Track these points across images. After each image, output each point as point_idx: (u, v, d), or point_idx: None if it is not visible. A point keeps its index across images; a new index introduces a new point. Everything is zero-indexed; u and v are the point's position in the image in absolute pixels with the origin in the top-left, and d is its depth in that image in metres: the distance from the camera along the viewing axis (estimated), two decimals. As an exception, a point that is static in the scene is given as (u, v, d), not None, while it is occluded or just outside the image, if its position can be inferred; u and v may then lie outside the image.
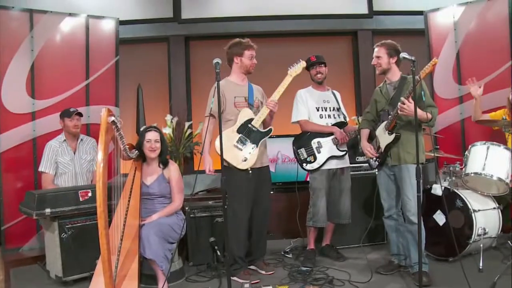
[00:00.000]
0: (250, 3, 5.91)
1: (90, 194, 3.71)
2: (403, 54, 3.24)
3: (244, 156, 3.73)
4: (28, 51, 4.63)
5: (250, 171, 3.73)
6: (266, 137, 3.84)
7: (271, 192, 4.82)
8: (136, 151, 3.58)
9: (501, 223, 3.98)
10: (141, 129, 4.08)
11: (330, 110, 4.26)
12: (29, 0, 5.06)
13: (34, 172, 4.57)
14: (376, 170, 3.79)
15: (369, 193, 4.41)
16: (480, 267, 3.63)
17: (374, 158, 3.70)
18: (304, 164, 4.15)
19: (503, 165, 3.80)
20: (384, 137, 3.60)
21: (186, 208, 4.07)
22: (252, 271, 3.86)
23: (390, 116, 3.53)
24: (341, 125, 4.21)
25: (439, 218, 3.98)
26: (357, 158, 4.77)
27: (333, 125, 4.19)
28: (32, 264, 4.20)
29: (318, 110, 4.21)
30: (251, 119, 3.79)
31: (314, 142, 4.13)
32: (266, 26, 5.94)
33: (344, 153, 4.16)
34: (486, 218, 3.88)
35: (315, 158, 4.11)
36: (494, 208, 4.00)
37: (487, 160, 3.84)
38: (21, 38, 4.61)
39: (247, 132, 3.77)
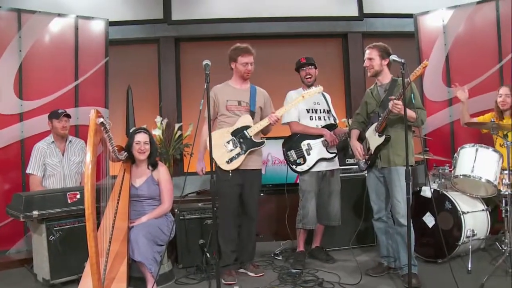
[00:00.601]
0: (240, 4, 5.90)
1: (78, 196, 3.68)
2: (393, 57, 3.25)
3: (228, 158, 3.76)
4: (16, 52, 4.60)
5: (231, 173, 3.75)
6: (257, 147, 3.85)
7: (261, 194, 4.83)
8: (125, 153, 3.55)
9: (490, 224, 4.01)
10: (131, 130, 4.06)
11: (320, 112, 4.27)
12: (17, 0, 5.02)
13: (22, 174, 4.53)
14: (366, 172, 3.79)
15: (359, 195, 4.43)
16: (469, 269, 3.64)
17: (364, 160, 3.71)
18: (294, 166, 4.15)
19: (491, 167, 3.82)
20: (374, 139, 3.60)
21: (176, 210, 4.05)
22: (235, 272, 3.86)
23: (380, 118, 3.54)
24: (331, 127, 4.21)
25: (428, 220, 4.00)
26: (347, 160, 4.78)
27: (323, 127, 4.20)
28: (19, 267, 4.16)
29: (308, 112, 4.22)
30: (248, 126, 3.81)
31: (304, 144, 4.14)
32: (256, 28, 5.95)
33: (334, 155, 4.17)
34: (474, 220, 3.91)
35: (304, 160, 4.11)
36: (483, 210, 4.03)
37: (475, 162, 3.85)
38: (8, 38, 4.57)
39: (240, 136, 3.79)
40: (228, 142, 3.77)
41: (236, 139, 3.79)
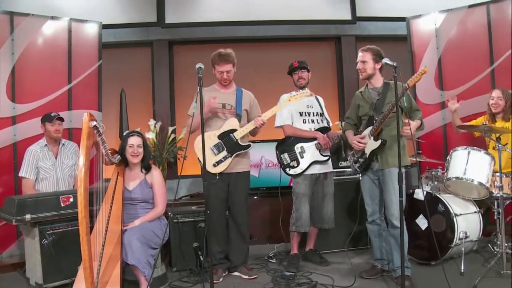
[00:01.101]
0: (234, 8, 5.90)
1: (71, 200, 3.66)
2: (385, 60, 3.25)
3: (215, 161, 3.79)
4: (9, 55, 4.58)
5: (217, 176, 3.79)
6: (243, 151, 3.88)
7: (255, 197, 4.83)
8: (119, 156, 3.54)
9: (482, 226, 4.04)
10: (124, 134, 4.05)
11: (313, 115, 4.28)
12: (9, 3, 5.01)
13: (14, 177, 4.51)
14: (360, 175, 3.80)
15: (353, 198, 4.44)
16: (462, 271, 3.66)
17: (358, 164, 3.72)
18: (287, 169, 4.15)
19: (483, 169, 3.85)
20: (369, 143, 3.60)
21: (169, 213, 4.04)
22: (222, 271, 3.89)
23: (376, 123, 3.54)
24: (324, 130, 4.22)
25: (422, 222, 4.02)
26: (340, 163, 4.79)
27: (316, 130, 4.20)
28: (12, 271, 4.13)
29: (301, 115, 4.23)
30: (235, 130, 3.82)
31: (297, 147, 4.14)
32: (249, 31, 5.95)
33: (327, 158, 4.18)
34: (467, 222, 3.93)
35: (298, 163, 4.11)
36: (475, 212, 4.05)
37: (468, 165, 3.88)
38: (1, 41, 4.55)
39: (226, 140, 3.82)
40: (214, 146, 3.81)
41: (222, 143, 3.82)
